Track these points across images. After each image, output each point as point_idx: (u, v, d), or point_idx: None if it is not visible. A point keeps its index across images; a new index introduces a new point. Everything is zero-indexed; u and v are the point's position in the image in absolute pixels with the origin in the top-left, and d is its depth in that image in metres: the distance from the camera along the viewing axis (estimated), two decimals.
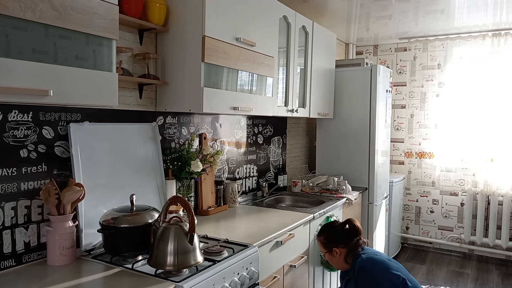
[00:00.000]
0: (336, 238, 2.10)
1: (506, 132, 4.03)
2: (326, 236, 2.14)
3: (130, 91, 2.01)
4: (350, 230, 2.09)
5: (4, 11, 1.14)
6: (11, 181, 1.51)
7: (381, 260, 1.99)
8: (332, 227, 2.17)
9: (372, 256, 2.01)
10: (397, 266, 2.00)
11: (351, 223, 2.12)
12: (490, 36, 4.05)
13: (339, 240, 2.09)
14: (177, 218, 1.54)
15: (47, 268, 1.54)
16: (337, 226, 2.15)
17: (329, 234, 2.14)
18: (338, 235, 2.10)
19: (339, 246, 2.08)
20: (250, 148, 3.02)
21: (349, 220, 2.14)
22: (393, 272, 1.93)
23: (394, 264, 2.01)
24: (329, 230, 2.16)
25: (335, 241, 2.10)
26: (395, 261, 2.05)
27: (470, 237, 4.25)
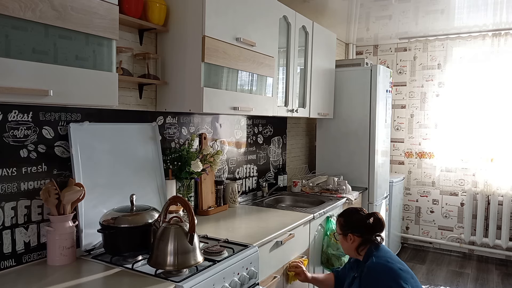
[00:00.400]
0: (355, 225, 2.01)
1: (506, 132, 4.03)
2: (346, 220, 2.05)
3: (130, 91, 2.01)
4: (373, 224, 1.99)
5: (4, 11, 1.14)
6: (11, 181, 1.51)
7: (392, 269, 1.86)
8: (356, 213, 2.06)
9: (384, 263, 1.88)
10: (408, 276, 1.86)
11: (376, 217, 2.01)
12: (490, 36, 4.05)
13: (358, 229, 2.00)
14: (177, 218, 1.54)
15: (47, 268, 1.54)
16: (362, 214, 2.04)
17: (351, 219, 2.04)
18: (359, 224, 2.00)
19: (355, 234, 1.99)
20: (250, 148, 3.02)
21: (375, 213, 2.04)
22: (402, 284, 1.80)
23: (405, 274, 1.85)
24: (352, 215, 2.06)
25: (353, 228, 2.01)
26: (408, 270, 1.91)
27: (470, 237, 4.25)
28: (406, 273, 1.86)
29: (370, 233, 1.98)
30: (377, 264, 1.88)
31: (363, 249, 1.99)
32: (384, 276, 1.84)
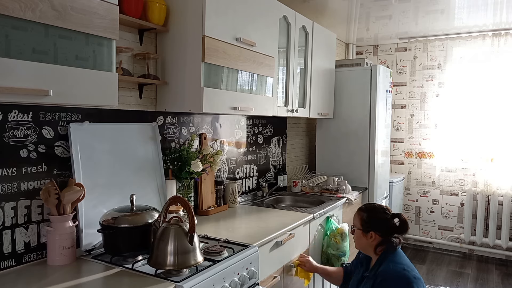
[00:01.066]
0: (380, 224, 1.90)
1: (506, 132, 4.03)
2: (369, 216, 1.93)
3: (130, 91, 2.01)
4: (400, 225, 1.88)
5: (4, 11, 1.14)
6: (11, 181, 1.51)
7: (409, 278, 1.77)
8: (382, 211, 1.94)
9: (400, 270, 1.80)
10: (420, 285, 1.79)
11: (403, 219, 1.89)
12: (490, 36, 4.05)
13: (381, 228, 1.89)
14: (177, 218, 1.54)
15: (47, 268, 1.54)
16: (388, 214, 1.92)
17: (375, 217, 1.92)
18: (383, 223, 1.90)
19: (377, 232, 1.89)
20: (250, 148, 3.02)
21: (400, 215, 1.91)
22: None
23: (418, 282, 1.77)
24: (376, 212, 1.93)
25: (376, 226, 1.90)
26: (420, 277, 1.82)
27: (470, 237, 4.25)
28: (418, 281, 1.79)
29: (392, 234, 1.90)
30: (393, 272, 1.80)
31: (381, 249, 1.89)
32: (401, 285, 1.76)
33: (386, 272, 1.81)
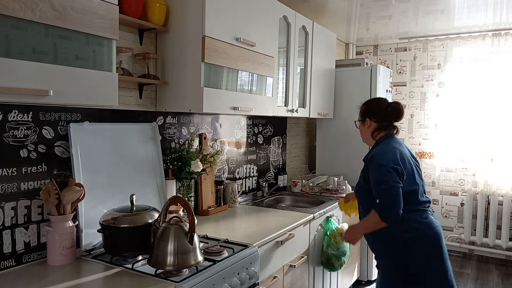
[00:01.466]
0: (374, 111, 2.06)
1: (506, 132, 4.02)
2: (367, 106, 2.11)
3: (130, 91, 2.01)
4: (391, 111, 2.03)
5: (4, 11, 1.14)
6: (11, 181, 1.51)
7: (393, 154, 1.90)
8: (377, 101, 2.11)
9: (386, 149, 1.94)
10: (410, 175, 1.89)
11: (396, 106, 2.04)
12: (490, 36, 4.05)
13: (376, 114, 2.05)
14: (177, 218, 1.54)
15: (47, 268, 1.54)
16: (383, 103, 2.08)
17: (372, 105, 2.10)
18: (378, 110, 2.05)
19: (372, 119, 2.05)
20: (250, 148, 3.02)
21: (396, 102, 2.07)
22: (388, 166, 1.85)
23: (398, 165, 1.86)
24: (373, 102, 2.12)
25: (372, 113, 2.06)
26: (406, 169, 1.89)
27: (470, 237, 4.25)
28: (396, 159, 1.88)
29: (386, 120, 2.03)
30: (380, 150, 1.95)
31: (377, 134, 2.05)
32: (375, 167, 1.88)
33: (375, 151, 1.97)
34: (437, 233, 1.91)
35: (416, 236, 1.88)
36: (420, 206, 1.92)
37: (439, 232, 1.93)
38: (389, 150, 1.93)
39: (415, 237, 1.88)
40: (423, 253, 1.88)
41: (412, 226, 1.88)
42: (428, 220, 1.92)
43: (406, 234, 1.88)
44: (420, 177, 1.98)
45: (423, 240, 1.88)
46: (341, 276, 3.00)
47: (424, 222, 1.91)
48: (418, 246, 1.87)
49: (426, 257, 1.88)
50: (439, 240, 1.92)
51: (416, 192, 1.91)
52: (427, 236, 1.89)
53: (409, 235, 1.88)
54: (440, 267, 1.91)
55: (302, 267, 2.39)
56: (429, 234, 1.90)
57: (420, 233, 1.89)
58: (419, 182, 1.95)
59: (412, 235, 1.88)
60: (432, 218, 1.94)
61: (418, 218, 1.90)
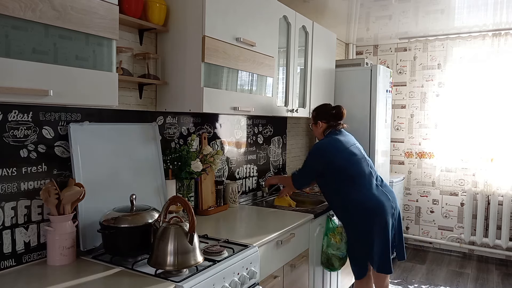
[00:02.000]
0: (322, 114, 2.58)
1: (506, 132, 4.03)
2: (317, 111, 2.61)
3: (130, 91, 2.01)
4: (335, 113, 2.54)
5: (4, 11, 1.14)
6: (11, 181, 1.51)
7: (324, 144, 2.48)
8: (324, 107, 2.63)
9: (325, 141, 2.50)
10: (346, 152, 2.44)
11: (338, 109, 2.55)
12: (490, 36, 4.05)
13: (324, 117, 2.56)
14: (177, 218, 1.54)
15: (47, 268, 1.54)
16: (328, 107, 2.60)
17: (320, 110, 2.61)
18: (325, 113, 2.57)
19: (322, 121, 2.57)
20: (250, 148, 3.02)
21: (338, 106, 2.58)
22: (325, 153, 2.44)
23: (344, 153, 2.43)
24: (321, 108, 2.63)
25: (321, 116, 2.58)
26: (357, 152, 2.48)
27: (470, 237, 4.25)
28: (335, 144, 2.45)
29: (333, 119, 2.55)
30: (322, 141, 2.53)
31: (328, 132, 2.55)
32: (312, 149, 2.53)
33: (317, 142, 2.56)
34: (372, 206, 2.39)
35: (355, 204, 2.40)
36: (362, 182, 2.43)
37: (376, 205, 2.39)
38: (327, 141, 2.49)
39: (355, 205, 2.40)
40: (362, 217, 2.39)
41: (353, 197, 2.40)
42: (363, 195, 2.40)
43: (347, 202, 2.43)
44: (367, 160, 2.52)
45: (361, 207, 2.39)
46: (341, 276, 3.00)
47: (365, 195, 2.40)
48: (358, 212, 2.40)
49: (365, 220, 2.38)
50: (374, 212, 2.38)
51: (357, 173, 2.43)
52: (362, 206, 2.39)
53: (349, 203, 2.41)
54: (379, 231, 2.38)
55: (302, 267, 2.39)
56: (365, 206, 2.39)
57: (358, 202, 2.39)
58: (361, 166, 2.45)
59: (352, 203, 2.41)
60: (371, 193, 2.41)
61: (359, 192, 2.40)
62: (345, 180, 2.42)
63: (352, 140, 2.55)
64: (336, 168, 2.41)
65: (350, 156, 2.44)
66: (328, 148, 2.45)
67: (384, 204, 2.40)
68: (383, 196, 2.43)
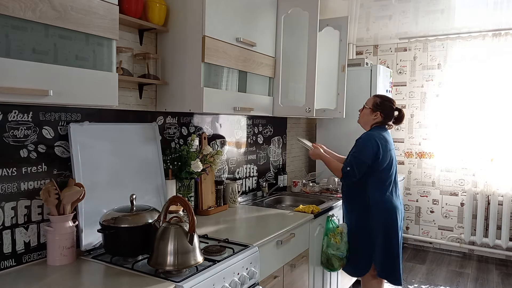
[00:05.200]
0: (385, 108, 2.51)
1: (506, 132, 4.02)
2: (382, 102, 2.53)
3: (130, 91, 2.01)
4: (398, 116, 2.55)
5: (4, 11, 1.14)
6: (11, 181, 1.51)
7: (374, 137, 2.42)
8: (390, 102, 2.54)
9: (371, 133, 2.46)
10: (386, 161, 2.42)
11: (401, 113, 2.55)
12: (490, 36, 4.05)
13: (386, 112, 2.50)
14: (177, 218, 1.54)
15: (47, 268, 1.54)
16: (394, 105, 2.54)
17: (385, 104, 2.52)
18: (388, 109, 2.51)
19: (382, 114, 2.50)
20: (250, 148, 3.02)
21: (401, 110, 2.56)
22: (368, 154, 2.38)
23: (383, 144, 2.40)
24: (386, 101, 2.54)
25: (384, 109, 2.50)
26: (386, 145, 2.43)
27: (470, 237, 4.25)
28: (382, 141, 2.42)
29: (390, 118, 2.53)
30: (370, 134, 2.47)
31: (375, 125, 2.53)
32: (367, 139, 2.43)
33: (368, 133, 2.50)
34: (391, 208, 2.45)
35: (373, 203, 2.44)
36: (388, 186, 2.46)
37: (394, 208, 2.46)
38: (378, 135, 2.43)
39: (373, 204, 2.44)
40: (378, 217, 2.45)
41: (374, 196, 2.44)
42: (386, 197, 2.45)
43: (368, 200, 2.45)
44: (397, 168, 2.54)
45: (379, 208, 2.44)
46: (341, 276, 3.00)
47: (385, 197, 2.45)
48: (378, 214, 2.44)
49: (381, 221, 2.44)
50: (391, 214, 2.45)
51: (388, 176, 2.46)
52: (382, 207, 2.44)
53: (371, 201, 2.44)
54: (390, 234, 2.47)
55: (302, 267, 2.39)
56: (385, 207, 2.44)
57: (379, 203, 2.44)
58: (394, 172, 2.49)
59: (371, 202, 2.44)
60: (392, 197, 2.48)
61: (381, 193, 2.45)
62: (379, 179, 2.44)
63: (392, 145, 2.55)
64: (376, 165, 2.41)
65: (390, 158, 2.46)
66: (381, 141, 2.42)
67: (399, 209, 2.50)
68: (399, 204, 2.52)
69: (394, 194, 2.50)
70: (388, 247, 2.46)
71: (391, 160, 2.46)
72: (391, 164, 2.47)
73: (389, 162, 2.45)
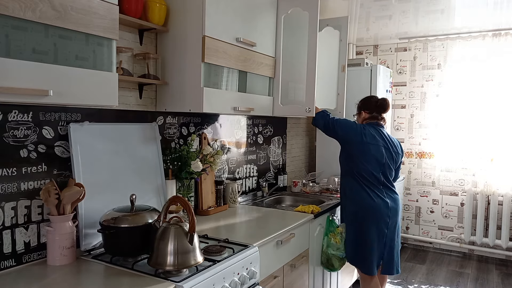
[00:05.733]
0: (365, 103, 2.65)
1: (506, 132, 4.02)
2: (362, 101, 2.69)
3: (130, 91, 2.01)
4: (379, 104, 2.59)
5: (4, 11, 1.14)
6: (11, 181, 1.51)
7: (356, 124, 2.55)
8: (370, 98, 2.70)
9: (361, 125, 2.57)
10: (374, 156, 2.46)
11: (383, 100, 2.60)
12: (490, 36, 4.05)
13: (368, 107, 2.63)
14: (177, 218, 1.54)
15: (47, 268, 1.54)
16: (373, 98, 2.67)
17: (364, 101, 2.68)
18: (368, 102, 2.65)
19: (366, 111, 2.63)
20: (250, 148, 3.02)
21: (384, 98, 2.63)
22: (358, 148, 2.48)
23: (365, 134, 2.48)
24: (365, 99, 2.70)
25: (365, 106, 2.65)
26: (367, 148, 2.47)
27: (470, 237, 4.25)
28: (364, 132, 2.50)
29: (377, 111, 2.59)
30: (362, 125, 2.55)
31: (367, 122, 2.61)
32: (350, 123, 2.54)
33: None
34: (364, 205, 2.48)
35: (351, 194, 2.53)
36: (367, 182, 2.49)
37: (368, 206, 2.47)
38: (364, 126, 2.54)
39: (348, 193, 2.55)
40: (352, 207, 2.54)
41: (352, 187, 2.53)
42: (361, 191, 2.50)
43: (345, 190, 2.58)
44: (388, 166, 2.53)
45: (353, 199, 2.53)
46: (341, 276, 3.00)
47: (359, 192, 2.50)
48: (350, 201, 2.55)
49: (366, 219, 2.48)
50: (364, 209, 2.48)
51: (369, 170, 2.48)
52: (355, 198, 2.51)
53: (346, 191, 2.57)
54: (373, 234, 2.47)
55: (302, 267, 2.39)
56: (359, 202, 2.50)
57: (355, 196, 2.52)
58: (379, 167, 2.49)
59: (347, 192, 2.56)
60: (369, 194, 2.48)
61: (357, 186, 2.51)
62: (356, 169, 2.51)
63: (388, 142, 2.54)
64: (348, 151, 2.54)
65: (375, 152, 2.48)
66: (365, 131, 2.50)
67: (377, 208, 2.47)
68: (381, 202, 2.48)
69: (376, 190, 2.48)
70: (355, 235, 2.52)
71: (375, 153, 2.47)
72: (374, 157, 2.47)
73: (371, 154, 2.47)
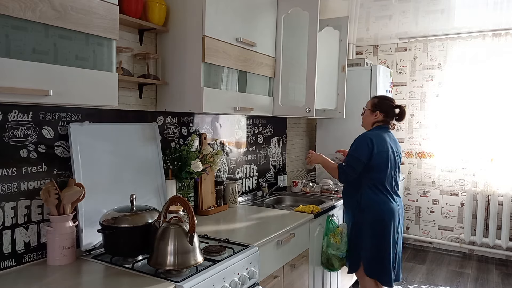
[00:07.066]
0: (384, 106, 2.49)
1: (506, 132, 4.02)
2: (379, 101, 2.52)
3: (130, 91, 2.01)
4: (398, 112, 2.50)
5: (4, 11, 1.14)
6: (11, 181, 1.51)
7: (368, 137, 2.40)
8: (389, 101, 2.53)
9: (366, 134, 2.44)
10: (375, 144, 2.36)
11: (402, 109, 2.51)
12: (490, 36, 4.05)
13: (386, 110, 2.49)
14: (177, 218, 1.54)
15: (47, 268, 1.54)
16: (393, 102, 2.52)
17: (383, 102, 2.51)
18: (387, 106, 2.50)
19: (382, 113, 2.48)
20: (250, 148, 3.02)
21: (401, 106, 2.52)
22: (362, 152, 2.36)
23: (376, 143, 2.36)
24: (385, 100, 2.54)
25: (382, 108, 2.49)
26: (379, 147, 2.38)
27: (470, 237, 4.25)
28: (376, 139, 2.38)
29: (391, 117, 2.50)
30: (368, 133, 2.45)
31: (376, 125, 2.51)
32: (360, 139, 2.42)
33: (367, 132, 2.48)
34: (384, 210, 2.41)
35: (365, 203, 2.42)
36: (382, 187, 2.43)
37: (388, 210, 2.42)
38: (374, 135, 2.41)
39: (364, 203, 2.42)
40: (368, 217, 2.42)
41: (366, 196, 2.42)
42: (379, 198, 2.42)
43: (361, 200, 2.43)
44: (396, 170, 2.50)
45: (370, 208, 2.42)
46: (341, 276, 3.00)
47: (378, 198, 2.42)
48: (369, 214, 2.42)
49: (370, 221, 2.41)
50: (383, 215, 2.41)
51: (383, 176, 2.42)
52: (374, 207, 2.41)
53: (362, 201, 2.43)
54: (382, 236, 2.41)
55: (302, 267, 2.39)
56: (377, 208, 2.41)
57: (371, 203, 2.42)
58: (391, 173, 2.44)
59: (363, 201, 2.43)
60: (387, 199, 2.43)
61: (375, 193, 2.42)
62: (372, 179, 2.41)
63: (394, 146, 2.50)
64: (371, 164, 2.38)
65: (387, 158, 2.41)
66: (377, 140, 2.39)
67: (393, 212, 2.44)
68: (396, 206, 2.47)
69: (390, 196, 2.45)
70: (376, 248, 2.42)
71: (388, 160, 2.42)
72: (387, 164, 2.42)
73: (385, 162, 2.40)
